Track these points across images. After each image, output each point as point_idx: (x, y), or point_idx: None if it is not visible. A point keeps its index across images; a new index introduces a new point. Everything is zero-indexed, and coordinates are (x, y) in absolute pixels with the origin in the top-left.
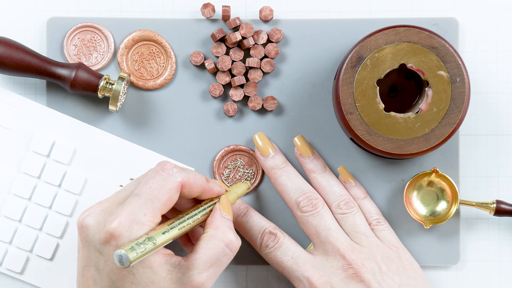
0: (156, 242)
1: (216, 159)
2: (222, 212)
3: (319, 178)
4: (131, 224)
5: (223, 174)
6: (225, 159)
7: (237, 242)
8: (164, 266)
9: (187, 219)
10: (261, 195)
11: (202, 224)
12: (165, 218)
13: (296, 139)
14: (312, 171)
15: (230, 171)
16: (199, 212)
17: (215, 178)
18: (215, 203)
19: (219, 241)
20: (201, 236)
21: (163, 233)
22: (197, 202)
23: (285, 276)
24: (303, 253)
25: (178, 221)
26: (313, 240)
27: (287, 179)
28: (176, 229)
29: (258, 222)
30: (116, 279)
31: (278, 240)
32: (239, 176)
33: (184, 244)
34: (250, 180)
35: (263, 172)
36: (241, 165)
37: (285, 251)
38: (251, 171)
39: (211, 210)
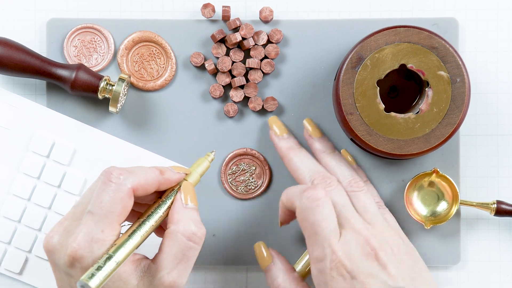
0: (119, 260)
1: (224, 161)
2: (183, 202)
3: (328, 158)
4: (90, 244)
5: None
6: (232, 161)
7: (199, 233)
8: (135, 273)
9: (148, 221)
10: (270, 200)
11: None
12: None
13: (305, 121)
14: (321, 151)
15: (234, 172)
16: (160, 210)
17: (221, 179)
18: (177, 192)
19: (181, 236)
20: (164, 233)
21: (124, 247)
22: (159, 193)
23: (307, 232)
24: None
25: (139, 228)
26: None
27: (300, 160)
28: (138, 237)
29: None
30: None
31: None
32: (242, 179)
33: (159, 233)
34: (212, 154)
35: (270, 177)
36: (248, 169)
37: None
38: (254, 176)
39: (172, 202)
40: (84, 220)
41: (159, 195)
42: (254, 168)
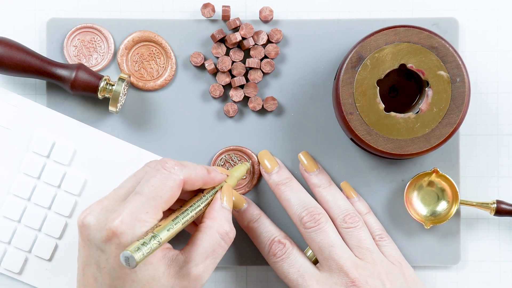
0: (161, 240)
1: (213, 159)
2: (222, 202)
3: (324, 192)
4: (134, 222)
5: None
6: (221, 157)
7: (231, 234)
8: (163, 261)
9: (190, 211)
10: (259, 194)
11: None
12: (167, 211)
13: (300, 155)
14: (317, 186)
15: (223, 165)
16: (201, 203)
17: None
18: (216, 191)
19: (215, 232)
20: (198, 227)
21: (168, 230)
22: (199, 190)
23: (289, 287)
24: (310, 267)
25: (182, 215)
26: (317, 256)
27: (290, 194)
28: (180, 224)
29: (268, 230)
30: (117, 277)
31: (287, 250)
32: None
33: (189, 228)
34: (249, 163)
35: (259, 174)
36: (236, 159)
37: (292, 262)
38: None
39: (211, 199)
40: (130, 199)
41: (195, 192)
42: (241, 162)
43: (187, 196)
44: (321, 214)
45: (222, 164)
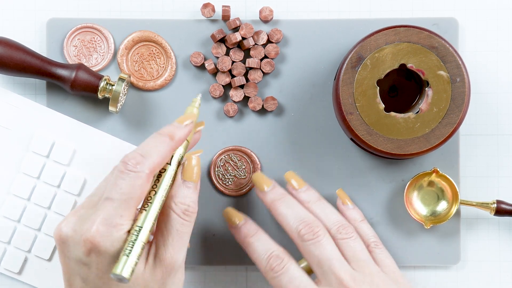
0: (143, 240)
1: (213, 159)
2: (182, 178)
3: (313, 206)
4: (109, 228)
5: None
6: (220, 157)
7: (191, 208)
8: (141, 258)
9: (156, 199)
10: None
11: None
12: None
13: (286, 175)
14: (306, 202)
15: (223, 165)
16: (166, 183)
17: (211, 177)
18: (178, 166)
19: (172, 212)
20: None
21: (144, 227)
22: None
23: None
24: (308, 282)
25: (152, 205)
26: (315, 270)
27: (286, 209)
28: (154, 213)
29: (266, 244)
30: (103, 283)
31: (285, 265)
32: (231, 168)
33: None
34: (198, 97)
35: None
36: (236, 159)
37: (290, 278)
38: (243, 165)
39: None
40: (101, 206)
41: None
42: (241, 162)
43: None
44: (319, 227)
45: (222, 164)
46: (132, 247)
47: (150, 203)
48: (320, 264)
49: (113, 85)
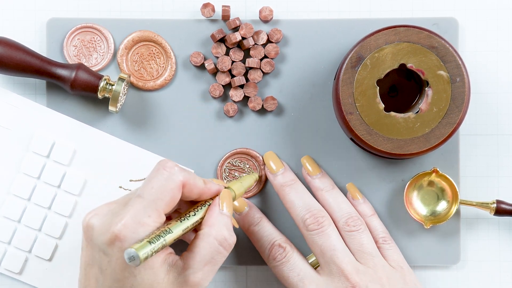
0: (166, 240)
1: (221, 160)
2: (220, 208)
3: (327, 195)
4: (136, 225)
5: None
6: (228, 160)
7: (231, 240)
8: (164, 266)
9: (192, 216)
10: (265, 199)
11: None
12: (167, 218)
13: (303, 159)
14: (319, 189)
15: (232, 170)
16: (202, 209)
17: (218, 178)
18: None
19: (213, 240)
20: (196, 234)
21: (172, 232)
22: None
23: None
24: (310, 271)
25: (184, 219)
26: (319, 259)
27: (294, 196)
28: (183, 227)
29: (269, 233)
30: (117, 279)
31: (287, 254)
32: (238, 173)
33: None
34: (256, 170)
35: (266, 177)
36: (243, 166)
37: (292, 266)
38: (247, 165)
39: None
40: (132, 202)
41: (193, 204)
42: (248, 166)
43: (184, 208)
44: (324, 217)
45: (227, 175)
46: (156, 240)
47: (187, 218)
48: (323, 254)
49: (113, 85)
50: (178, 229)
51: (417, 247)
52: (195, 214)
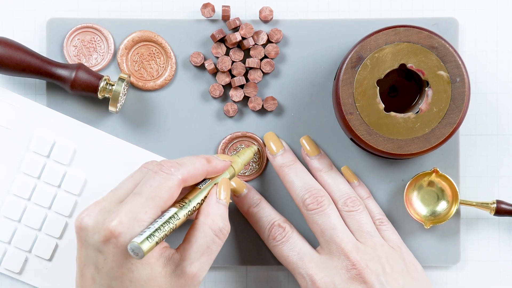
0: (166, 232)
1: (222, 143)
2: (217, 196)
3: (325, 176)
4: (132, 222)
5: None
6: (230, 145)
7: (225, 229)
8: (160, 260)
9: (191, 205)
10: (265, 183)
11: None
12: None
13: (302, 139)
14: (318, 170)
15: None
16: (199, 197)
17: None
18: (213, 185)
19: (208, 229)
20: (192, 224)
21: (169, 224)
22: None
23: (289, 270)
24: (309, 250)
25: (181, 209)
26: (319, 239)
27: (294, 176)
28: (181, 216)
29: (268, 214)
30: (115, 277)
31: (286, 234)
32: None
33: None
34: (255, 146)
35: (267, 159)
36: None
37: (291, 246)
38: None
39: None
40: (128, 199)
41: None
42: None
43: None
44: (324, 197)
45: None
46: (156, 231)
47: (185, 207)
48: (323, 233)
49: (113, 85)
50: (174, 221)
51: (417, 247)
52: (193, 203)
